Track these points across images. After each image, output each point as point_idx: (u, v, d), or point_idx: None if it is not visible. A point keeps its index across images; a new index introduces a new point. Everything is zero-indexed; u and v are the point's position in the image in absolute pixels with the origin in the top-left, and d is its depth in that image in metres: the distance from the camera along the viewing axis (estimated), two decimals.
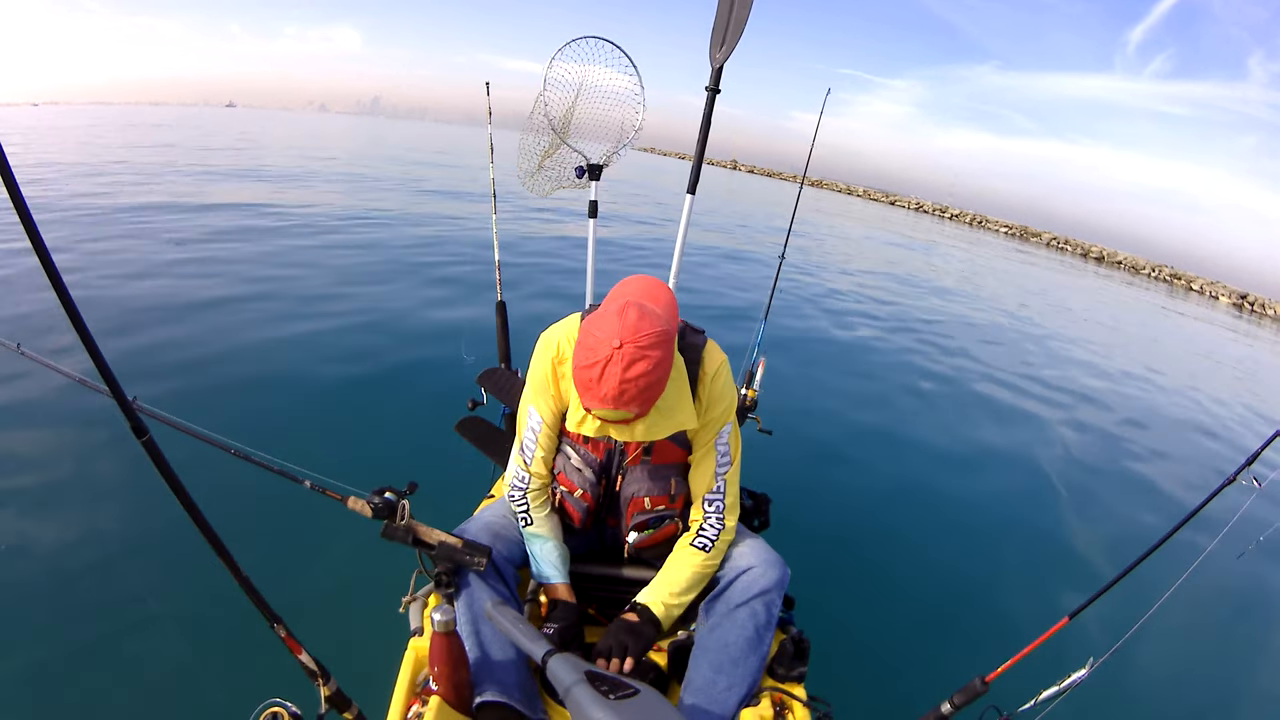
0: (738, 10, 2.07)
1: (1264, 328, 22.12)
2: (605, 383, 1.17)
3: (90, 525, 2.54)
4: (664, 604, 1.39)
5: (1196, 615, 3.32)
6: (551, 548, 1.49)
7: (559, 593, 1.48)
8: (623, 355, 1.16)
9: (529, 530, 1.50)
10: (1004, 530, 3.85)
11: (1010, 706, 1.36)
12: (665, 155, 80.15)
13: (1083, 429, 6.04)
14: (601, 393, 1.18)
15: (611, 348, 1.17)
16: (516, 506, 1.50)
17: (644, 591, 1.43)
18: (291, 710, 1.10)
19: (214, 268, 6.05)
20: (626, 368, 1.16)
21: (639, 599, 1.41)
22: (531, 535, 1.50)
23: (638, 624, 1.37)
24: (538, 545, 1.50)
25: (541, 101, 2.27)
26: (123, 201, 8.78)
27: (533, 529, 1.49)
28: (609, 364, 1.17)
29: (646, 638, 1.36)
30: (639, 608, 1.39)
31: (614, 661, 1.31)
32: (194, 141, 21.56)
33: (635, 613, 1.39)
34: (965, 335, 9.05)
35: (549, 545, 1.49)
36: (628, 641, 1.33)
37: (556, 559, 1.49)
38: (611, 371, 1.17)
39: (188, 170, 13.27)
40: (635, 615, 1.39)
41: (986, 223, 50.24)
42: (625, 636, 1.34)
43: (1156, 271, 38.40)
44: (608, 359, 1.17)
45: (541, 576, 1.49)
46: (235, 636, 1.97)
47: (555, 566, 1.48)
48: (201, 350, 4.22)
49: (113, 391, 0.85)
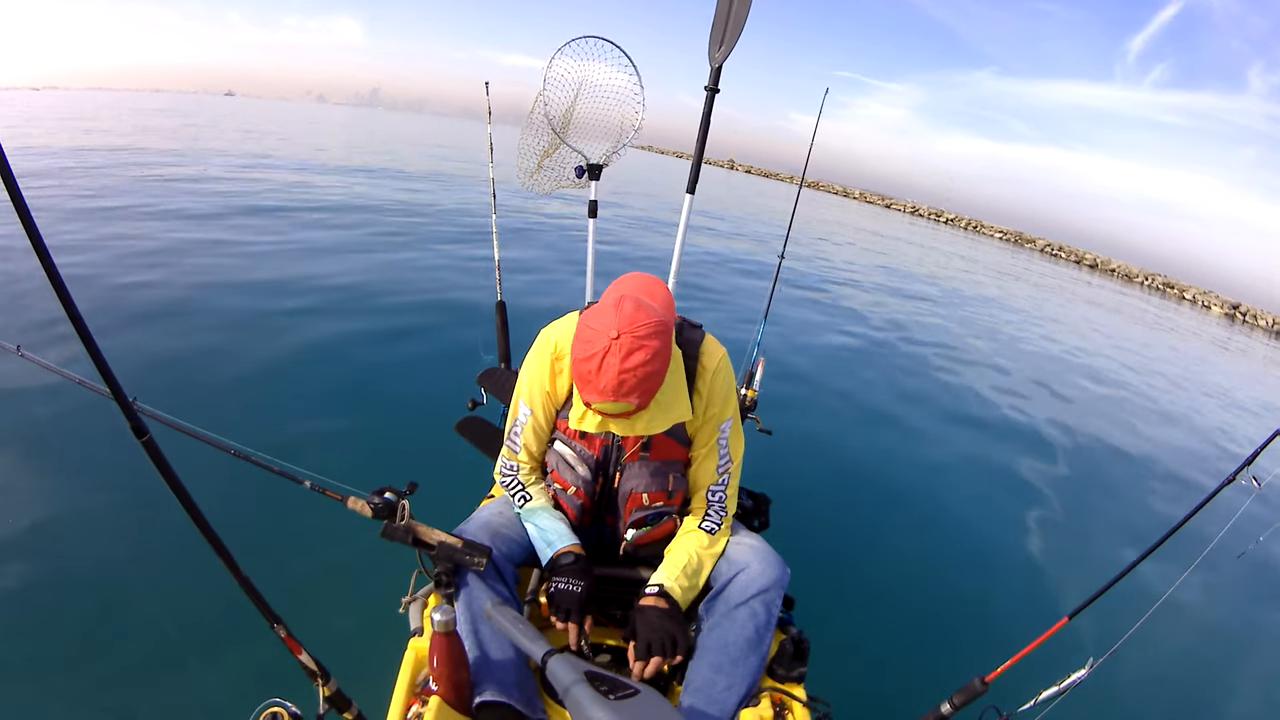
0: (737, 9, 2.07)
1: (1254, 338, 22.19)
2: (604, 374, 1.18)
3: (90, 525, 2.54)
4: (683, 587, 1.38)
5: (1196, 615, 3.33)
6: (555, 517, 1.47)
7: (573, 550, 1.41)
8: (620, 346, 1.17)
9: (528, 507, 1.48)
10: (1004, 531, 3.85)
11: (1010, 706, 1.37)
12: (663, 153, 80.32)
13: (1083, 431, 6.04)
14: (601, 384, 1.19)
15: (609, 338, 1.18)
16: (511, 490, 1.50)
17: (662, 573, 1.40)
18: (291, 710, 1.10)
19: (214, 262, 6.05)
20: (625, 358, 1.17)
21: (662, 581, 1.38)
22: (530, 510, 1.47)
23: (670, 610, 1.34)
24: (540, 517, 1.46)
25: (541, 101, 2.27)
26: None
27: (531, 504, 1.48)
28: (607, 355, 1.17)
29: (682, 626, 1.33)
30: (663, 591, 1.36)
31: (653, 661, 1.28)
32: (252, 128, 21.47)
33: (660, 597, 1.36)
34: (966, 338, 9.05)
35: (550, 515, 1.47)
36: (673, 633, 1.30)
37: (564, 527, 1.45)
38: (610, 362, 1.17)
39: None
40: (662, 600, 1.35)
41: (982, 228, 50.52)
42: (668, 625, 1.31)
43: (1150, 280, 38.65)
44: (606, 350, 1.17)
45: (552, 546, 1.42)
46: (235, 636, 1.97)
47: (563, 534, 1.44)
48: (199, 346, 4.22)
49: (113, 392, 0.85)
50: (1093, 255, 43.70)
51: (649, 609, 1.34)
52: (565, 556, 1.40)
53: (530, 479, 1.52)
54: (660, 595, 1.36)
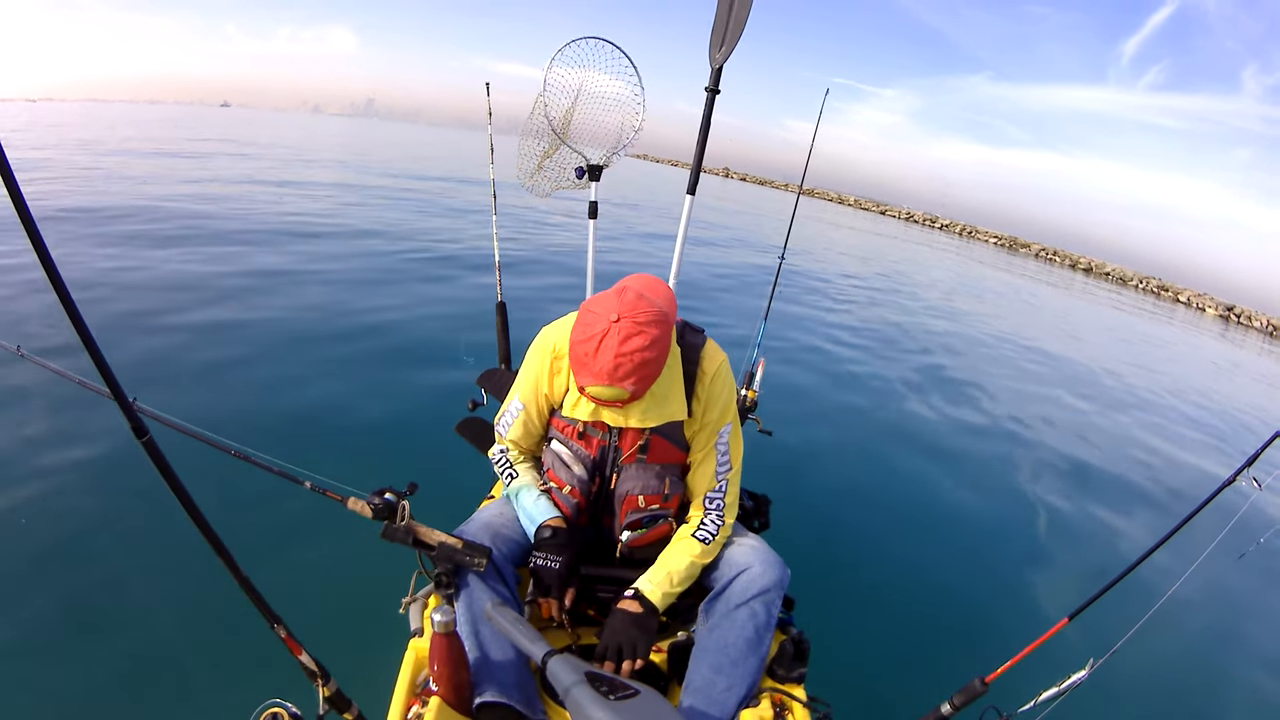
0: (737, 10, 2.07)
1: (1248, 339, 22.26)
2: (601, 356, 1.18)
3: (90, 526, 2.54)
4: (663, 593, 1.37)
5: (1196, 616, 3.32)
6: (539, 494, 1.47)
7: (552, 524, 1.42)
8: (620, 329, 1.18)
9: (515, 484, 1.49)
10: (1004, 531, 3.85)
11: (1010, 707, 1.37)
12: (658, 162, 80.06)
13: (1083, 432, 6.04)
14: (597, 366, 1.19)
15: (609, 321, 1.18)
16: (501, 470, 1.53)
17: (643, 578, 1.40)
18: (291, 710, 1.10)
19: (217, 267, 6.05)
20: (623, 341, 1.17)
21: (639, 586, 1.39)
22: (515, 489, 1.49)
23: (641, 615, 1.34)
24: (524, 495, 1.47)
25: (541, 103, 2.27)
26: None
27: (519, 480, 1.49)
28: (606, 337, 1.18)
29: (651, 631, 1.34)
30: (639, 595, 1.37)
31: (624, 664, 1.29)
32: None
33: (635, 600, 1.37)
34: (967, 340, 9.05)
35: (533, 492, 1.47)
36: (637, 637, 1.31)
37: (546, 503, 1.45)
38: (608, 344, 1.18)
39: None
40: (636, 604, 1.36)
41: (976, 233, 50.72)
42: (633, 630, 1.32)
43: (1144, 283, 38.79)
44: (605, 332, 1.18)
45: (534, 523, 1.43)
46: (235, 636, 1.97)
47: (544, 509, 1.44)
48: (203, 352, 4.22)
49: (113, 392, 0.85)
50: (1087, 259, 43.90)
51: (620, 611, 1.35)
52: (544, 530, 1.41)
53: (520, 460, 1.54)
54: (635, 599, 1.37)
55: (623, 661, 1.29)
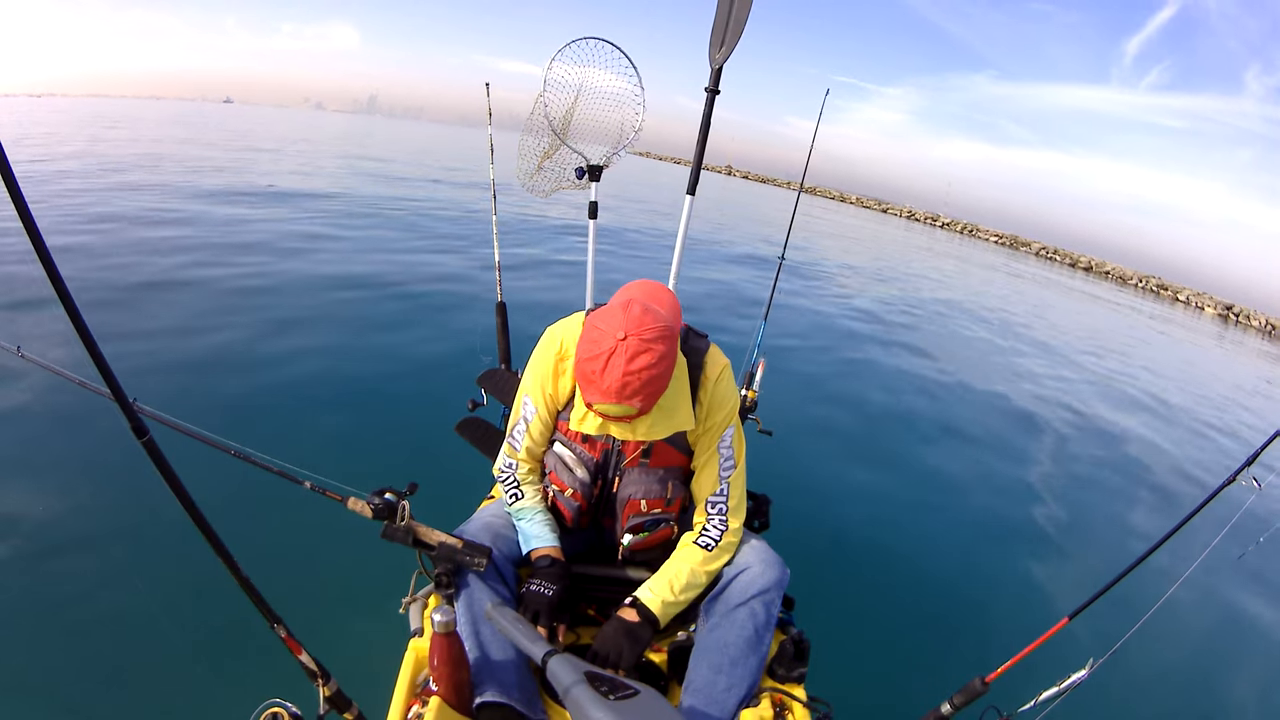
0: (737, 10, 2.07)
1: (1248, 338, 22.28)
2: (609, 375, 1.17)
3: (90, 526, 2.54)
4: (663, 601, 1.38)
5: (1196, 616, 3.32)
6: (541, 520, 1.47)
7: (550, 553, 1.44)
8: (627, 347, 1.17)
9: (519, 505, 1.48)
10: (1004, 531, 3.85)
11: (1010, 707, 1.36)
12: (661, 159, 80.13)
13: (1083, 432, 6.04)
14: (604, 385, 1.18)
15: (616, 339, 1.17)
16: (506, 488, 1.51)
17: (644, 586, 1.41)
18: (291, 710, 1.10)
19: (219, 268, 6.05)
20: (631, 359, 1.17)
21: (638, 594, 1.40)
22: (521, 509, 1.48)
23: (635, 625, 1.36)
24: (526, 518, 1.47)
25: (541, 102, 2.26)
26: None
27: (523, 502, 1.49)
28: (613, 356, 1.17)
29: (643, 641, 1.35)
30: (638, 605, 1.38)
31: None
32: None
33: (634, 609, 1.38)
34: (967, 341, 9.05)
35: (540, 516, 1.47)
36: (624, 646, 1.32)
37: (547, 531, 1.46)
38: (615, 363, 1.17)
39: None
40: (633, 612, 1.37)
41: (977, 231, 50.77)
42: (622, 639, 1.33)
43: (1144, 282, 38.84)
44: (612, 351, 1.17)
45: (530, 545, 1.45)
46: (235, 636, 1.97)
47: (543, 536, 1.45)
48: (200, 348, 4.22)
49: (113, 392, 0.85)
50: (1087, 258, 43.99)
51: (615, 619, 1.37)
52: (543, 559, 1.42)
53: (527, 478, 1.52)
54: (633, 607, 1.38)
55: (603, 667, 1.29)
